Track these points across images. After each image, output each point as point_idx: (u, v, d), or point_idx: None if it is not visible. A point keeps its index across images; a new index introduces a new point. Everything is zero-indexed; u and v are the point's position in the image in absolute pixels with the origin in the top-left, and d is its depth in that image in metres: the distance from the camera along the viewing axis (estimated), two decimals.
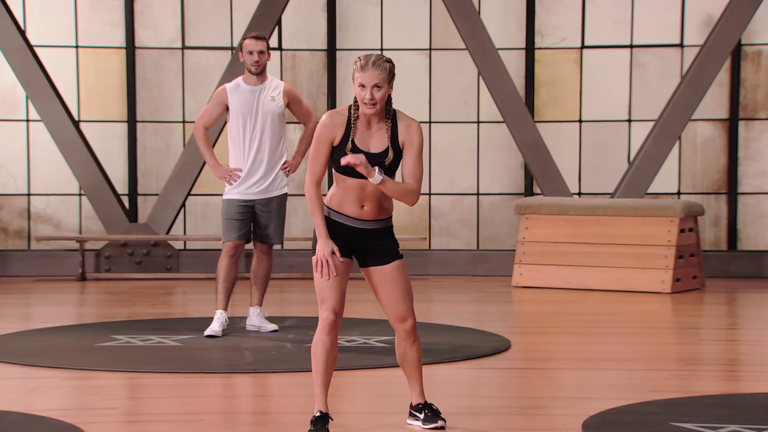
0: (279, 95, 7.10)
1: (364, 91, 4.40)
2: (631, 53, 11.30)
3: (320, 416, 4.48)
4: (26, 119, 11.13)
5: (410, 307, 4.59)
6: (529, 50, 11.28)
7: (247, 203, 7.07)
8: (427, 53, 11.34)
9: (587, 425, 4.72)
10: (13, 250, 11.00)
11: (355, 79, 4.43)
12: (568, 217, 9.93)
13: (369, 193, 4.48)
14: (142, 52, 11.28)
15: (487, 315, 8.51)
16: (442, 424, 4.67)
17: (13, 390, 5.66)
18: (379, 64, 4.42)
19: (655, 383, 5.79)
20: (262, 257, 7.19)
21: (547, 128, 11.17)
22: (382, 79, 4.41)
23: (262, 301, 7.21)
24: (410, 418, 4.77)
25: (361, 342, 6.80)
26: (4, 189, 11.14)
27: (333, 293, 4.46)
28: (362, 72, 4.40)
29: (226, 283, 7.07)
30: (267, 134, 7.06)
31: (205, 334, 6.94)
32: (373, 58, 4.42)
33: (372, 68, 4.40)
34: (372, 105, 4.41)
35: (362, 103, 4.42)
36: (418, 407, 4.73)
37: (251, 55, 7.06)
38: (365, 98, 4.40)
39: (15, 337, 7.08)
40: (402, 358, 4.68)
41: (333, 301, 4.45)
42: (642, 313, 8.57)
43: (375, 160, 4.44)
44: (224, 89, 7.11)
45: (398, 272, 4.57)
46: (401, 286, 4.57)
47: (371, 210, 4.52)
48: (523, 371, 6.13)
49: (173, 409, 5.15)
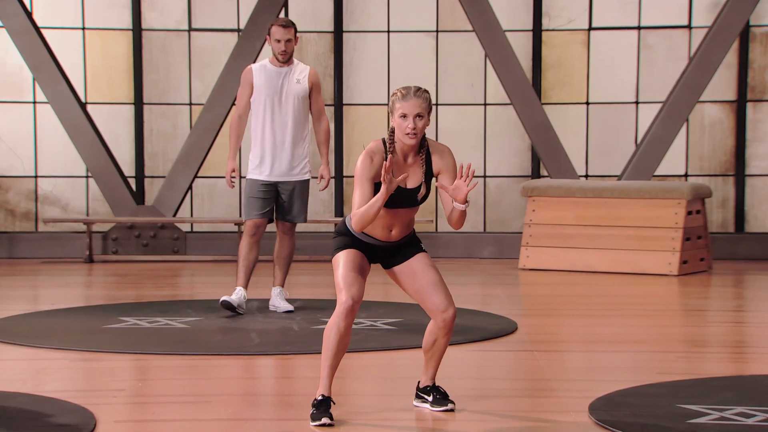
0: (304, 78, 7.15)
1: (407, 120, 4.40)
2: (639, 35, 11.26)
3: (323, 399, 4.47)
4: (33, 101, 11.13)
5: (448, 295, 4.56)
6: (537, 32, 11.25)
7: (270, 183, 7.11)
8: (434, 35, 11.31)
9: (594, 407, 4.73)
10: (20, 232, 11.03)
11: (395, 110, 4.42)
12: (575, 199, 9.92)
13: (398, 219, 4.51)
14: (149, 34, 11.26)
15: (493, 297, 8.52)
16: (451, 406, 4.68)
17: (21, 371, 5.68)
18: (420, 94, 4.44)
19: (662, 365, 5.79)
20: (285, 237, 7.22)
21: (554, 110, 11.15)
22: (424, 108, 4.42)
23: (284, 281, 7.25)
24: (417, 399, 4.77)
25: (368, 324, 6.81)
26: (12, 171, 11.15)
27: (357, 281, 4.46)
28: (404, 101, 4.41)
29: (247, 262, 7.11)
30: (291, 116, 7.09)
31: (221, 299, 6.98)
32: (413, 88, 4.44)
33: (414, 97, 4.41)
34: (414, 135, 4.41)
35: (404, 134, 4.41)
36: (426, 389, 4.73)
37: (278, 43, 7.09)
38: (408, 128, 4.40)
39: (23, 318, 7.10)
40: (430, 345, 4.65)
41: (355, 288, 4.44)
42: (649, 295, 8.57)
43: (409, 195, 4.46)
44: (250, 69, 7.15)
45: (425, 262, 4.57)
46: (432, 276, 4.55)
47: (398, 233, 4.56)
48: (530, 353, 6.14)
49: (180, 390, 5.17)
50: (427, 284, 4.54)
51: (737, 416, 4.56)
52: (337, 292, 4.49)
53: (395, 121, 4.43)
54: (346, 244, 4.53)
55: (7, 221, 11.16)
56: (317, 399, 4.49)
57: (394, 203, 4.44)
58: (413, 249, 4.59)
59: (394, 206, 4.45)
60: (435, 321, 4.58)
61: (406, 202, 4.48)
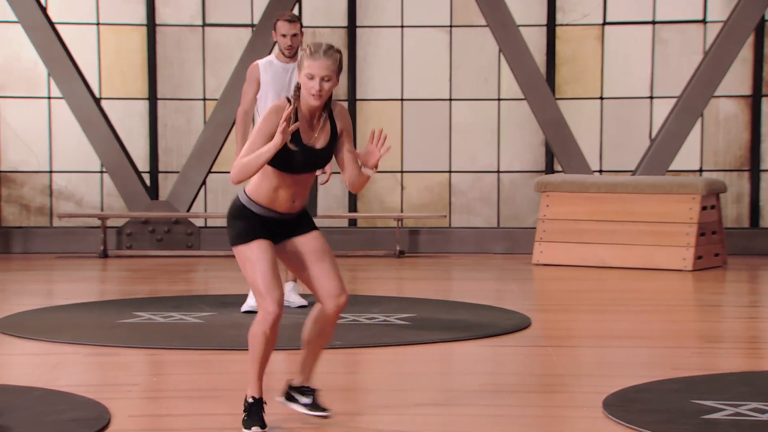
0: None
1: (313, 81, 4.10)
2: (654, 29, 11.22)
3: (255, 402, 4.24)
4: (48, 97, 11.16)
5: (342, 280, 4.26)
6: (551, 27, 11.22)
7: None
8: (448, 30, 11.29)
9: (608, 403, 4.72)
10: (35, 227, 11.07)
11: (303, 68, 4.12)
12: (589, 194, 9.90)
13: (302, 187, 4.22)
14: (163, 30, 11.28)
15: (507, 293, 8.51)
16: (329, 413, 4.40)
17: (36, 366, 5.71)
18: (330, 54, 4.13)
19: (676, 361, 5.78)
20: None
21: (568, 105, 11.12)
22: (332, 70, 4.12)
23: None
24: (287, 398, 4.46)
25: (382, 319, 6.81)
26: (26, 166, 11.19)
27: (276, 284, 4.14)
28: (312, 60, 4.11)
29: None
30: None
31: (242, 310, 6.98)
32: (324, 47, 4.14)
33: (323, 58, 4.11)
34: (319, 96, 4.11)
35: (309, 94, 4.12)
36: (302, 389, 4.43)
37: (284, 38, 7.07)
38: (313, 89, 4.10)
39: (37, 313, 7.13)
40: (315, 335, 4.34)
41: (277, 293, 4.14)
42: (663, 290, 8.54)
43: (318, 156, 4.19)
44: (256, 65, 7.14)
45: (320, 242, 4.27)
46: (329, 258, 4.25)
47: (300, 203, 4.27)
48: (544, 349, 6.13)
49: (194, 385, 5.18)
50: (323, 266, 4.23)
51: (752, 412, 4.54)
52: (257, 294, 4.17)
53: (301, 80, 4.13)
54: (248, 231, 4.17)
55: (22, 216, 11.20)
56: (248, 401, 4.25)
57: (301, 165, 4.15)
58: (307, 225, 4.29)
59: (300, 169, 4.16)
60: (325, 307, 4.27)
61: (315, 164, 4.19)
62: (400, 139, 11.30)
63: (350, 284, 9.23)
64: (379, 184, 11.33)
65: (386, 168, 11.28)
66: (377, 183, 11.33)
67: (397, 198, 11.35)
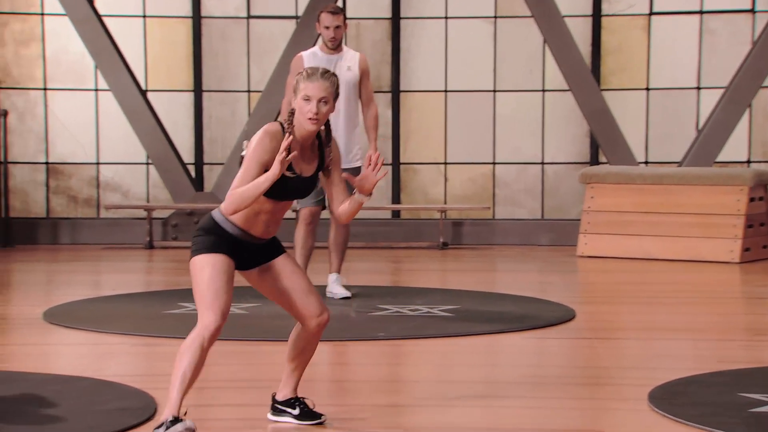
0: (355, 65, 7.15)
1: (310, 104, 3.94)
2: (701, 19, 11.10)
3: (174, 420, 3.88)
4: (95, 89, 11.27)
5: (321, 298, 4.16)
6: (596, 17, 11.13)
7: None
8: (492, 21, 11.25)
9: (653, 395, 4.69)
10: (82, 218, 11.18)
11: (299, 91, 3.97)
12: (635, 186, 9.83)
13: (280, 214, 4.05)
14: (208, 22, 11.34)
15: (551, 285, 8.47)
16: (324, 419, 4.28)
17: (84, 356, 5.77)
18: (327, 76, 3.99)
19: (723, 353, 5.72)
20: (339, 224, 7.24)
21: (613, 96, 11.04)
22: (330, 93, 3.97)
23: (340, 268, 7.26)
24: (275, 413, 4.32)
25: (425, 311, 6.81)
26: (74, 158, 11.31)
27: (226, 295, 3.93)
28: (309, 82, 3.95)
29: (304, 250, 7.14)
30: (342, 104, 7.10)
31: None
32: (320, 69, 4.00)
33: (321, 80, 3.96)
34: (316, 120, 3.95)
35: (306, 118, 3.95)
36: (289, 402, 4.29)
37: (327, 30, 7.09)
38: (310, 112, 3.94)
39: (85, 303, 7.20)
40: (299, 353, 4.24)
41: (225, 304, 3.92)
42: (710, 283, 8.46)
43: (304, 184, 4.03)
44: (300, 57, 7.16)
45: (293, 264, 4.13)
46: (303, 279, 4.13)
47: (274, 229, 4.09)
48: (588, 341, 6.10)
49: (239, 375, 5.21)
50: (300, 288, 4.10)
51: None
52: (201, 305, 3.95)
53: (297, 103, 3.97)
54: (211, 246, 3.99)
55: (70, 207, 11.32)
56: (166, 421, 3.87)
57: (288, 193, 3.99)
58: (277, 249, 4.13)
59: (287, 197, 4.00)
60: (307, 326, 4.16)
61: (300, 192, 4.04)
62: (443, 131, 11.28)
63: (393, 276, 9.24)
64: (423, 176, 11.33)
65: (430, 160, 11.26)
66: (421, 174, 11.32)
67: (441, 190, 11.33)
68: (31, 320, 6.59)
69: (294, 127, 4.00)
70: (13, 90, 11.19)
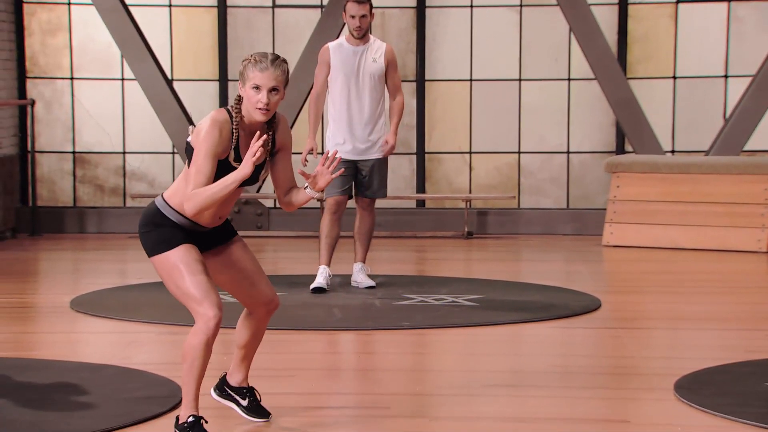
0: (381, 57, 7.14)
1: (260, 93, 3.79)
2: (729, 7, 11.01)
3: (194, 421, 3.88)
4: (121, 78, 11.31)
5: (271, 284, 4.11)
6: (623, 5, 11.07)
7: (349, 161, 7.11)
8: (518, 9, 11.20)
9: (679, 385, 4.67)
10: (109, 207, 11.24)
11: (247, 79, 3.80)
12: (661, 175, 9.78)
13: (229, 202, 3.94)
14: (233, 11, 11.36)
15: (577, 274, 8.45)
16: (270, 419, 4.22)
17: (110, 344, 5.81)
18: (278, 64, 3.81)
19: (750, 343, 5.69)
20: (365, 213, 7.24)
21: (639, 85, 10.98)
22: (281, 81, 3.81)
23: (365, 257, 7.27)
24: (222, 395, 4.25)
25: (450, 301, 6.81)
26: (100, 147, 11.36)
27: (212, 286, 3.86)
28: (258, 71, 3.78)
29: (329, 239, 7.15)
30: (368, 95, 7.09)
31: (311, 287, 7.03)
32: (270, 56, 3.82)
33: (271, 68, 3.78)
34: (266, 111, 3.80)
35: (255, 108, 3.81)
36: (241, 390, 4.24)
37: (353, 19, 7.08)
38: (260, 102, 3.79)
39: (112, 292, 7.25)
40: (249, 338, 4.19)
41: (215, 295, 3.85)
42: (737, 272, 8.41)
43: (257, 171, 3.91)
44: (327, 48, 7.16)
45: (245, 250, 4.06)
46: (255, 265, 4.06)
47: (224, 216, 4.02)
48: (614, 331, 6.08)
49: (265, 364, 5.23)
50: (252, 274, 4.04)
51: None
52: (191, 303, 3.86)
53: (246, 92, 3.81)
54: (170, 239, 3.90)
55: (96, 196, 11.38)
56: (188, 421, 3.86)
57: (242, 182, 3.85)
58: (229, 234, 4.06)
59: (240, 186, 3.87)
60: (257, 312, 4.13)
61: (250, 179, 3.88)
62: (468, 120, 11.25)
63: (418, 265, 9.24)
64: (448, 165, 11.31)
65: (454, 149, 11.25)
66: (445, 164, 11.30)
67: (466, 179, 11.31)
68: (58, 309, 6.64)
69: (243, 115, 3.87)
70: (40, 79, 11.25)
